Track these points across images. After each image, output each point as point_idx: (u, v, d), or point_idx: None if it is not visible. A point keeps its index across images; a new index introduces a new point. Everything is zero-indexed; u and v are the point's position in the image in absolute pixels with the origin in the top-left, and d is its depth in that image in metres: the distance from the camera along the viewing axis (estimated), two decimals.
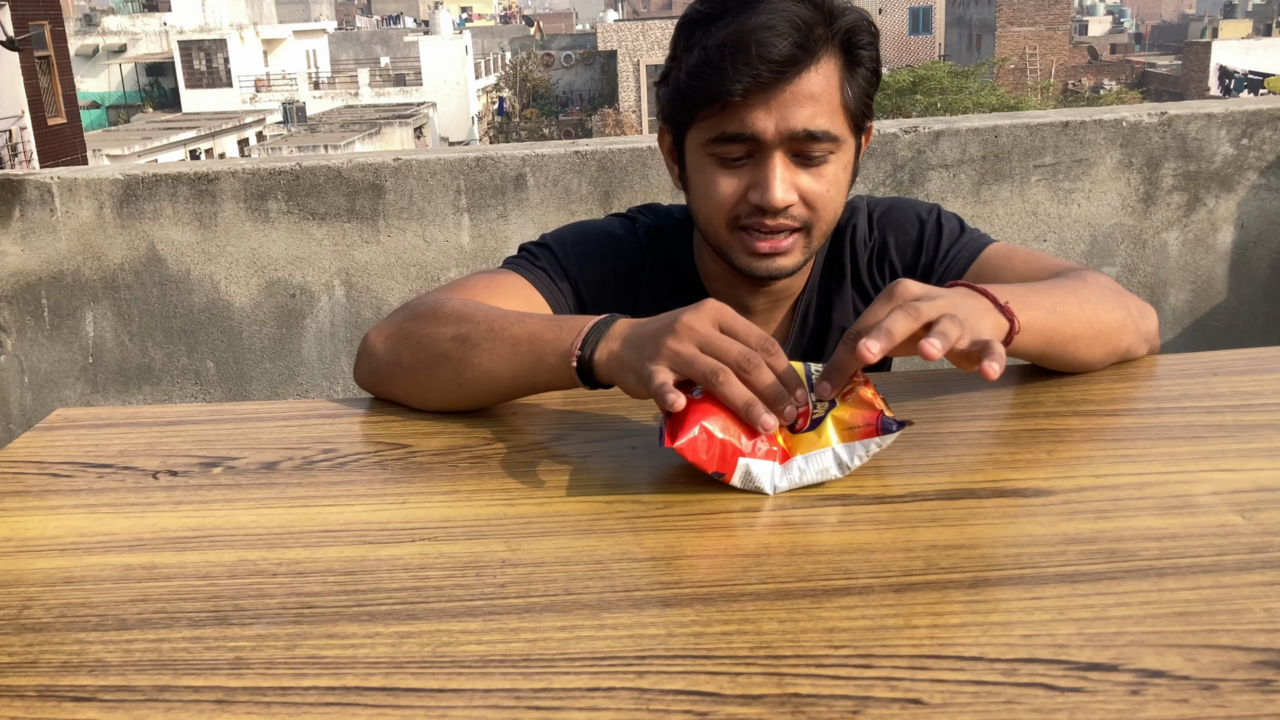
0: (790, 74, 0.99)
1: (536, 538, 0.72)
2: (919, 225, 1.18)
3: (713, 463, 0.76)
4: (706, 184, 1.06)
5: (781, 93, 0.99)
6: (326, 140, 25.30)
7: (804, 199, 1.04)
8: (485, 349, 0.92)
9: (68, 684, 0.58)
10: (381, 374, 1.00)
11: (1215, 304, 2.65)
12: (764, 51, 0.97)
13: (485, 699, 0.55)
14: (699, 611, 0.62)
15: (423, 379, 0.96)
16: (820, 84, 1.01)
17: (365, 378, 1.03)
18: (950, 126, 2.55)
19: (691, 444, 0.75)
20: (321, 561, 0.70)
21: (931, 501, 0.75)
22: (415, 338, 0.98)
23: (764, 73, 0.98)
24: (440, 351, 0.95)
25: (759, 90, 0.99)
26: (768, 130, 1.01)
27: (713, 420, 0.76)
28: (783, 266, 1.08)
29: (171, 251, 2.68)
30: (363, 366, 1.03)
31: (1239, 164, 2.56)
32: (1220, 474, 0.76)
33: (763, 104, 1.00)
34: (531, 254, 1.17)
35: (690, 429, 0.76)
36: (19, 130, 19.78)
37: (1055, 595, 0.62)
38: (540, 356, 0.90)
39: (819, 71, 1.01)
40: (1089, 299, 0.97)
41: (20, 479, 0.87)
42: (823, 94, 1.01)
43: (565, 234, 1.20)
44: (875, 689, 0.54)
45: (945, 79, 25.13)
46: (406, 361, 0.97)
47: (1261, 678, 0.53)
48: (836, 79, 1.02)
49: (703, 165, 1.06)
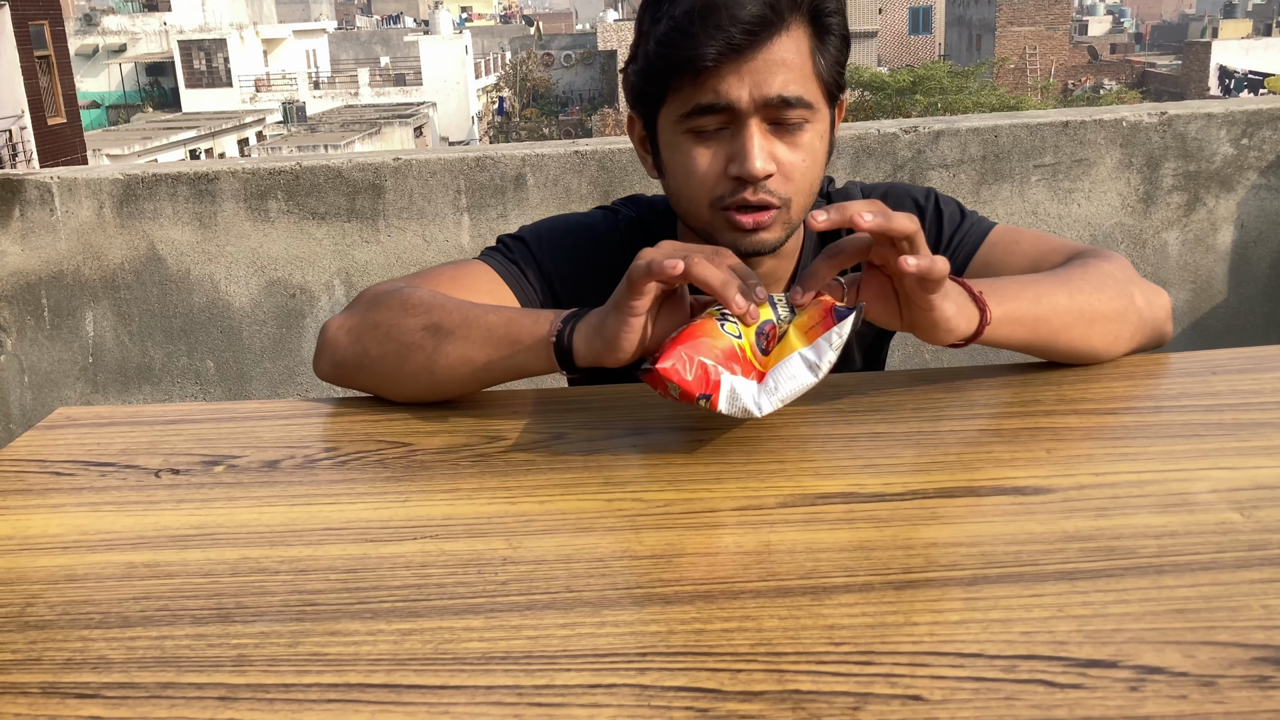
0: (762, 36, 0.98)
1: (538, 535, 0.73)
2: (917, 211, 1.18)
3: (698, 385, 0.79)
4: (684, 162, 1.04)
5: (754, 59, 0.99)
6: (326, 140, 25.29)
7: (782, 170, 1.03)
8: (460, 337, 0.94)
9: (71, 681, 0.58)
10: (346, 365, 1.01)
11: (1215, 304, 2.66)
12: (735, 13, 0.96)
13: (487, 696, 0.55)
14: (700, 609, 0.62)
15: (391, 369, 0.97)
16: (791, 50, 1.00)
17: (327, 369, 1.03)
18: (950, 126, 2.56)
19: (675, 367, 0.79)
20: (324, 559, 0.71)
21: (932, 499, 0.75)
22: (383, 328, 0.98)
23: (735, 35, 0.97)
24: (410, 341, 0.96)
25: (732, 55, 0.98)
26: (742, 98, 0.99)
27: (691, 346, 0.80)
28: (765, 241, 1.06)
29: (171, 251, 2.68)
30: (324, 358, 1.03)
31: (1239, 164, 2.56)
32: (1219, 472, 0.77)
33: (735, 72, 0.99)
34: (506, 246, 1.17)
35: (671, 353, 0.80)
36: (19, 130, 19.79)
37: (1055, 592, 0.62)
38: (517, 340, 0.92)
39: (790, 37, 1.00)
40: (1082, 288, 0.97)
41: (23, 477, 0.87)
42: (794, 60, 1.00)
43: (542, 227, 1.19)
44: (876, 685, 0.54)
45: (945, 79, 25.12)
46: (374, 352, 0.98)
47: (1260, 674, 0.54)
48: (807, 46, 1.02)
49: (678, 144, 1.04)
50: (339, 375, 1.02)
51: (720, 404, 0.79)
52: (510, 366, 0.94)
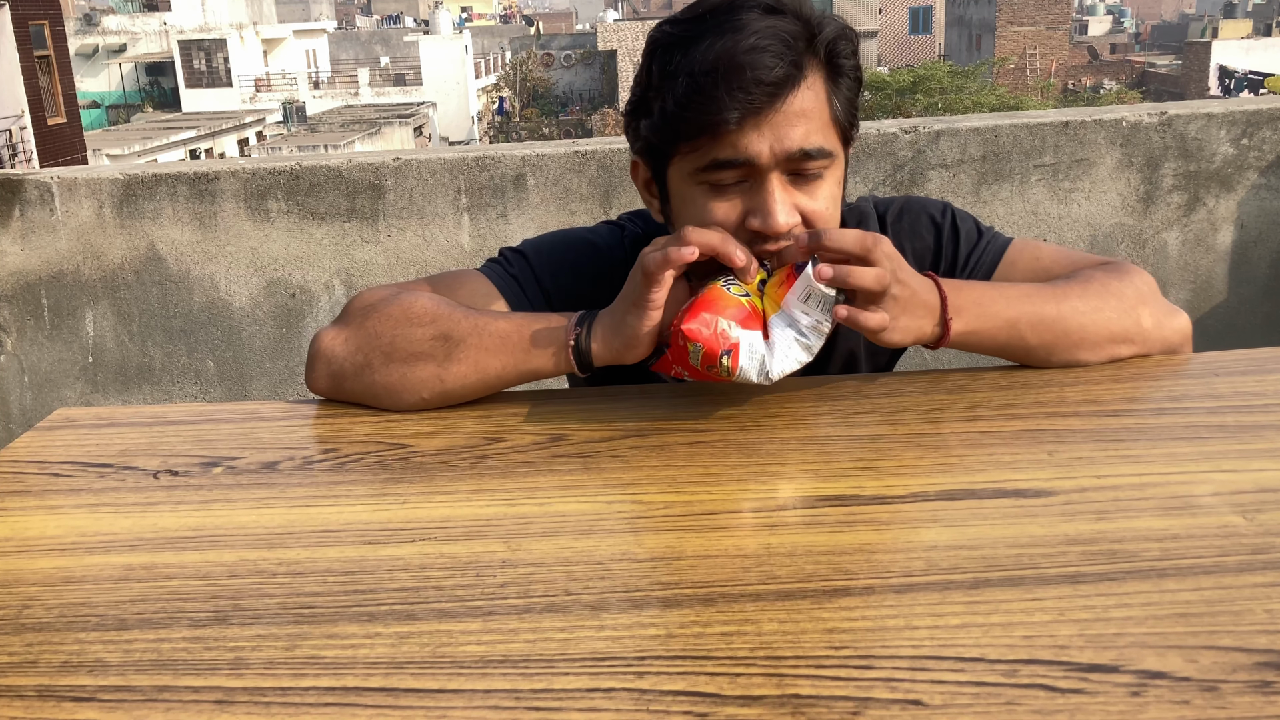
0: (785, 93, 0.95)
1: (536, 538, 0.72)
2: (934, 229, 1.15)
3: (718, 340, 0.85)
4: (699, 214, 1.00)
5: (774, 114, 0.95)
6: (326, 140, 25.30)
7: (805, 220, 1.01)
8: (472, 344, 0.95)
9: (67, 684, 0.58)
10: (344, 377, 0.99)
11: (1215, 304, 2.65)
12: (758, 74, 0.93)
13: (485, 699, 0.55)
14: (699, 612, 0.62)
15: (395, 380, 0.96)
16: (810, 100, 0.97)
17: (324, 382, 1.01)
18: (950, 126, 2.55)
19: (698, 329, 0.85)
20: (321, 561, 0.70)
21: (932, 502, 0.75)
22: (386, 338, 0.97)
23: (759, 97, 0.94)
24: (419, 352, 0.95)
25: (753, 115, 0.95)
26: (763, 154, 0.96)
27: (709, 308, 0.87)
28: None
29: (171, 251, 2.68)
30: (319, 371, 1.00)
31: (1239, 164, 2.56)
32: (1222, 475, 0.76)
33: (755, 127, 0.95)
34: (506, 259, 1.15)
35: (693, 317, 0.87)
36: (19, 130, 19.79)
37: (1056, 596, 0.62)
38: (532, 344, 0.94)
39: (809, 88, 0.97)
40: (1079, 307, 0.98)
41: (21, 479, 0.87)
42: (813, 110, 0.97)
43: (544, 242, 1.17)
44: (875, 690, 0.54)
45: (945, 79, 25.12)
46: (377, 363, 0.97)
47: (1263, 679, 0.53)
48: (824, 93, 0.99)
49: (692, 196, 1.00)
50: (335, 387, 1.00)
51: (742, 360, 0.85)
52: (524, 372, 0.95)
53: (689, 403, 0.95)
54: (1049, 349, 0.98)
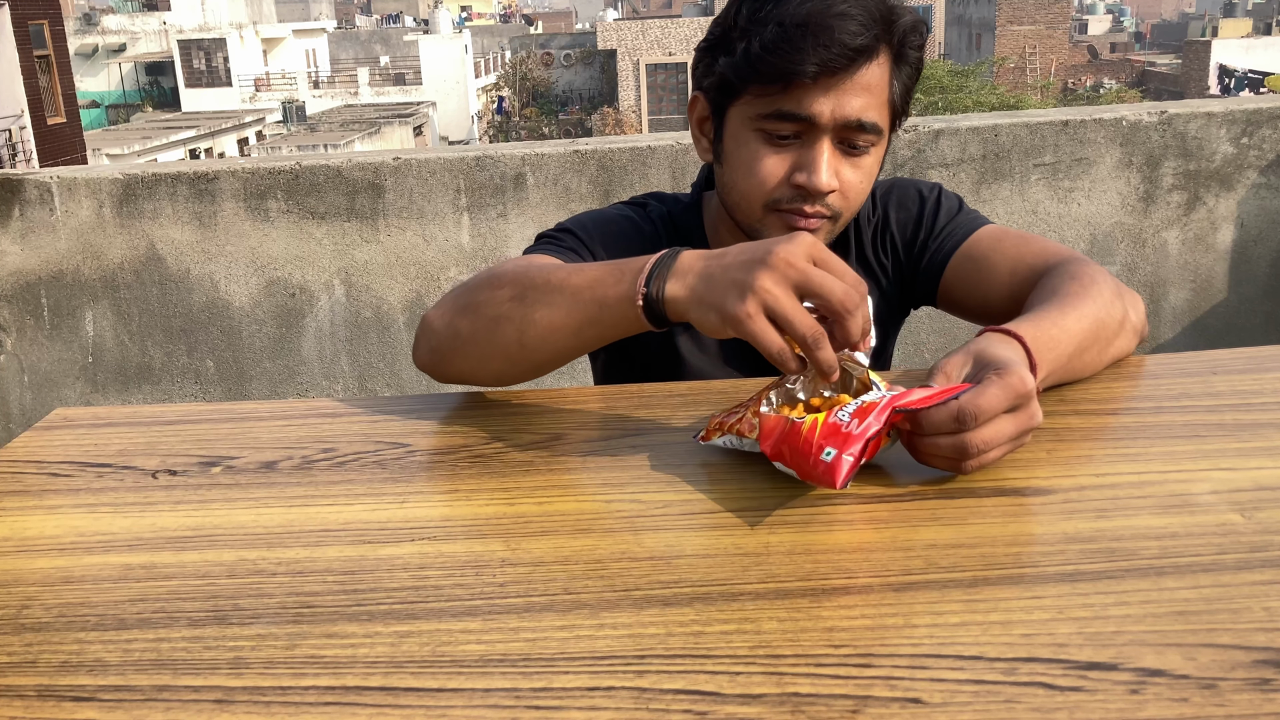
0: (860, 62, 1.01)
1: (536, 537, 0.72)
2: (919, 201, 1.21)
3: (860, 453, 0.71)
4: (750, 159, 1.06)
5: (845, 78, 1.02)
6: (326, 139, 25.29)
7: (843, 188, 1.06)
8: (546, 303, 0.90)
9: (67, 684, 0.58)
10: (442, 350, 0.98)
11: (1215, 303, 2.65)
12: (843, 38, 0.99)
13: (485, 698, 0.55)
14: (698, 611, 0.62)
15: (483, 345, 0.95)
16: (877, 77, 1.03)
17: (426, 357, 1.01)
18: (950, 125, 2.55)
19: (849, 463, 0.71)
20: (321, 561, 0.70)
21: (931, 500, 0.75)
22: (473, 305, 0.96)
23: (838, 58, 1.00)
24: (499, 314, 0.93)
25: (827, 74, 1.00)
26: (824, 114, 1.02)
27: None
28: None
29: (171, 251, 2.68)
30: (422, 346, 1.01)
31: (1239, 163, 2.56)
32: (1220, 473, 0.76)
33: (824, 88, 1.01)
34: (556, 238, 1.15)
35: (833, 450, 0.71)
36: (19, 129, 19.79)
37: (1055, 594, 0.62)
38: (604, 302, 0.87)
39: (878, 65, 1.03)
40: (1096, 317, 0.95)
41: (20, 478, 0.87)
42: (877, 86, 1.04)
43: (585, 219, 1.19)
44: (875, 688, 0.54)
45: (945, 78, 25.10)
46: (466, 330, 0.95)
47: (1261, 677, 0.53)
48: (889, 74, 1.05)
49: (747, 139, 1.07)
50: (436, 362, 1.00)
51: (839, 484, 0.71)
52: (600, 334, 0.89)
53: (689, 402, 0.95)
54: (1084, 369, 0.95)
